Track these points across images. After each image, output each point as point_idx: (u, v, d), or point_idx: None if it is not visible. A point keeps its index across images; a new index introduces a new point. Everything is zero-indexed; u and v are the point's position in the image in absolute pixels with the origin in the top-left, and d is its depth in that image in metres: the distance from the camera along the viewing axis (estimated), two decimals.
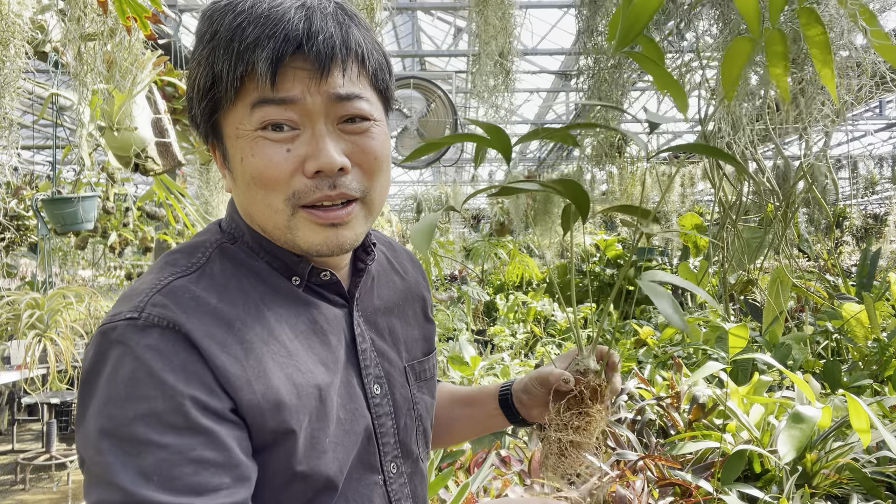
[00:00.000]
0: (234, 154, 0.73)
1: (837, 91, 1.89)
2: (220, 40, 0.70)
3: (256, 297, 0.75)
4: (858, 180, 8.89)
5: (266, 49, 0.68)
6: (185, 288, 0.71)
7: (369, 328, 0.86)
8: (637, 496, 1.30)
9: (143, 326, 0.66)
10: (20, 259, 7.99)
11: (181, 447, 0.63)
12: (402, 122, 4.24)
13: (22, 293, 4.14)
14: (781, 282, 3.16)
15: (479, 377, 2.97)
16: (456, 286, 6.63)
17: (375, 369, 0.84)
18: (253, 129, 0.71)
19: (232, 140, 0.73)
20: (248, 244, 0.79)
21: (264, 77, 0.69)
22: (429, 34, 8.74)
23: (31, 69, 3.28)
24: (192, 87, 0.75)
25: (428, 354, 0.96)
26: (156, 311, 0.67)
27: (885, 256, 8.14)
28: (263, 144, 0.71)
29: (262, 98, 0.70)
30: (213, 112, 0.73)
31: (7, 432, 5.81)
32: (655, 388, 2.20)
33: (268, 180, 0.71)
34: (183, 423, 0.64)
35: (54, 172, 4.23)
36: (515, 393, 1.00)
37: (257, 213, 0.75)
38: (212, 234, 0.80)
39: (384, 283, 0.93)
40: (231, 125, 0.72)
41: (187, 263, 0.75)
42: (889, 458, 1.51)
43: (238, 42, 0.69)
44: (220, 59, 0.70)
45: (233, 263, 0.77)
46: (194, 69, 0.74)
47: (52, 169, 4.24)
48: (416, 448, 0.89)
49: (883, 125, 8.60)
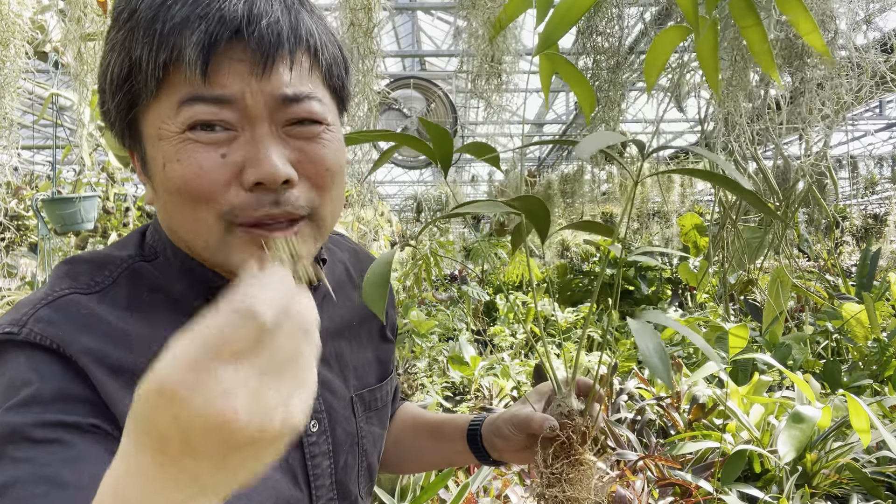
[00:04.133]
0: (155, 157, 0.61)
1: (837, 91, 1.89)
2: (139, 20, 0.58)
3: (169, 322, 0.63)
4: (858, 180, 8.88)
5: (196, 31, 0.56)
6: (80, 303, 0.62)
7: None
8: (637, 496, 1.30)
9: (21, 343, 0.58)
10: (20, 259, 7.99)
11: (41, 461, 0.54)
12: (402, 122, 4.24)
13: (22, 293, 4.14)
14: (781, 282, 3.16)
15: (479, 377, 2.97)
16: (456, 286, 6.63)
17: (315, 403, 0.73)
18: (179, 130, 0.58)
19: (153, 141, 0.60)
20: (170, 262, 0.68)
21: (193, 67, 0.57)
22: (429, 34, 8.74)
23: (31, 69, 3.28)
24: (104, 76, 0.62)
25: (382, 380, 0.86)
26: (38, 328, 0.59)
27: (885, 256, 8.14)
28: (192, 148, 0.58)
29: (191, 95, 0.58)
30: (131, 107, 0.61)
31: None
32: (655, 388, 2.20)
33: (197, 191, 0.59)
34: (43, 437, 0.55)
35: (54, 172, 4.23)
36: (486, 435, 0.88)
37: (182, 228, 0.62)
38: (127, 248, 0.70)
39: (339, 302, 0.81)
40: (152, 123, 0.60)
41: (90, 281, 0.65)
42: (889, 458, 1.51)
43: (161, 22, 0.57)
44: (138, 43, 0.58)
45: (145, 288, 0.66)
46: (107, 55, 0.62)
47: (52, 169, 4.24)
48: (356, 487, 0.79)
49: (883, 125, 8.60)
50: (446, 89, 4.25)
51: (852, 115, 7.22)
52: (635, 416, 1.84)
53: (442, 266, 6.39)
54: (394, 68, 7.98)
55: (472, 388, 3.08)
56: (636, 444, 1.65)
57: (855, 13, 1.83)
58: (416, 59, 8.12)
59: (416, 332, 3.78)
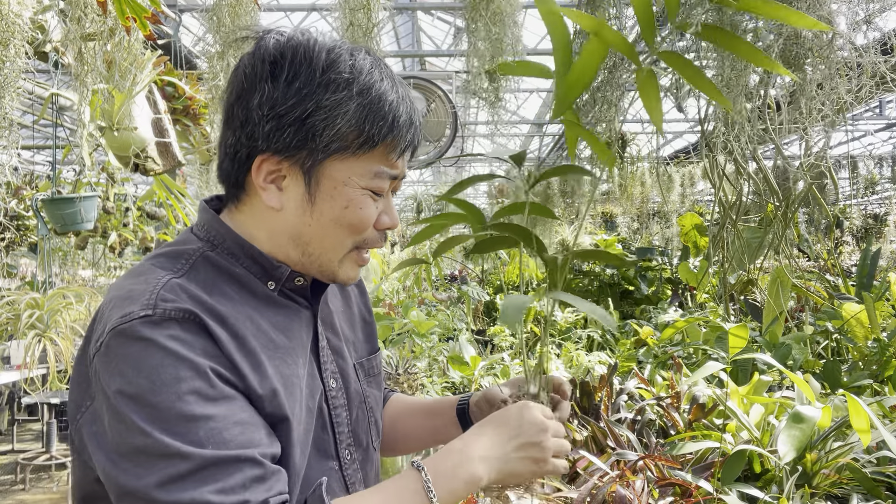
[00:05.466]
0: (334, 196, 0.83)
1: (837, 91, 1.89)
2: (373, 100, 0.82)
3: (239, 299, 0.82)
4: (858, 180, 8.88)
5: (409, 134, 0.85)
6: (182, 286, 0.77)
7: (326, 328, 0.95)
8: (637, 496, 1.30)
9: (159, 321, 0.72)
10: (20, 259, 7.99)
11: (225, 413, 0.72)
12: None
13: (22, 293, 4.14)
14: (781, 282, 3.16)
15: (479, 377, 2.96)
16: (456, 286, 6.63)
17: (332, 365, 0.94)
18: (362, 187, 0.84)
19: (336, 183, 0.83)
20: (229, 250, 0.86)
21: (397, 155, 0.85)
22: (429, 34, 8.74)
23: (31, 69, 3.28)
24: (314, 119, 0.80)
25: (372, 354, 1.07)
26: (168, 306, 0.74)
27: (885, 256, 8.14)
28: (369, 202, 0.85)
29: (385, 172, 0.85)
30: (333, 153, 0.82)
31: (7, 432, 5.81)
32: (655, 388, 2.20)
33: (360, 228, 0.85)
34: (218, 393, 0.72)
35: (54, 172, 4.23)
36: (471, 406, 1.09)
37: (322, 243, 0.86)
38: (191, 242, 0.86)
39: (330, 290, 1.02)
40: (343, 172, 0.83)
41: (174, 267, 0.81)
42: (889, 458, 1.51)
43: (392, 115, 0.83)
44: (369, 120, 0.81)
45: (214, 269, 0.83)
46: (327, 108, 0.80)
47: (52, 169, 4.23)
48: (367, 437, 0.98)
49: (883, 125, 8.61)
50: (446, 89, 4.25)
51: (852, 115, 7.21)
52: (635, 416, 1.84)
53: (442, 266, 6.39)
54: (394, 68, 7.95)
55: (473, 388, 3.08)
56: (636, 444, 1.64)
57: (855, 13, 1.83)
58: (416, 59, 8.12)
59: (416, 332, 3.78)
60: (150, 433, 0.68)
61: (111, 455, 0.70)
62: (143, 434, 0.68)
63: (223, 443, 0.70)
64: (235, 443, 0.71)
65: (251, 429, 0.73)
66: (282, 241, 0.86)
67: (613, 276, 5.75)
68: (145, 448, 0.68)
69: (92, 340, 0.76)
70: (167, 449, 0.67)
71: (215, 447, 0.69)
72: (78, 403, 0.77)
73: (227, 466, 0.69)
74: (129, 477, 0.68)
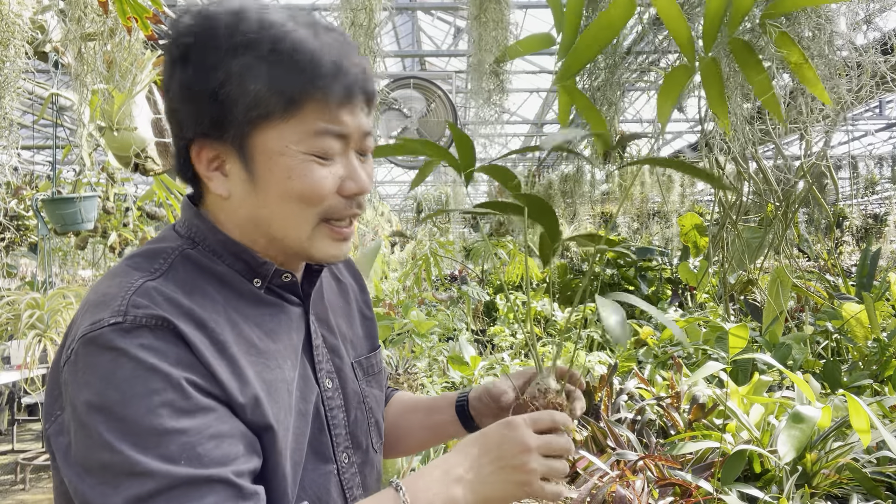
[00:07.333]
0: (272, 169, 0.75)
1: (838, 91, 1.89)
2: (285, 55, 0.73)
3: (221, 300, 0.77)
4: (858, 180, 8.88)
5: (342, 82, 0.75)
6: (157, 289, 0.72)
7: (321, 326, 0.91)
8: (637, 496, 1.30)
9: (129, 328, 0.68)
10: (20, 259, 8.00)
11: (199, 426, 0.67)
12: (402, 123, 4.23)
13: (22, 293, 4.14)
14: (781, 282, 3.16)
15: (479, 377, 2.96)
16: (456, 286, 6.63)
17: (327, 364, 0.89)
18: (303, 152, 0.75)
19: (273, 155, 0.75)
20: (211, 248, 0.81)
21: (333, 109, 0.75)
22: (429, 34, 8.74)
23: (31, 69, 3.28)
24: (226, 89, 0.73)
25: (372, 351, 1.02)
26: (140, 312, 0.69)
27: (885, 256, 8.14)
28: (315, 167, 0.76)
29: (326, 129, 0.75)
30: (254, 122, 0.74)
31: (7, 432, 5.81)
32: (655, 388, 2.20)
33: (313, 198, 0.77)
34: (193, 405, 0.67)
35: (54, 172, 4.23)
36: (471, 401, 1.05)
37: (281, 223, 0.78)
38: (171, 240, 0.81)
39: (326, 286, 0.98)
40: (275, 140, 0.75)
41: (150, 268, 0.76)
42: (889, 458, 1.51)
43: (312, 65, 0.73)
44: (284, 77, 0.73)
45: (195, 268, 0.78)
46: (237, 75, 0.73)
47: (52, 169, 4.24)
48: (367, 439, 0.94)
49: (883, 125, 8.60)
50: (446, 89, 4.24)
51: (852, 115, 7.21)
52: (635, 416, 1.84)
53: (442, 266, 6.40)
54: (394, 68, 7.98)
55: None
56: (636, 444, 1.64)
57: (855, 13, 1.83)
58: (416, 59, 8.12)
59: (416, 332, 3.78)
60: (119, 448, 0.64)
61: (77, 469, 0.67)
62: (110, 449, 0.64)
63: (196, 458, 0.65)
64: (209, 458, 0.66)
65: (228, 442, 0.69)
66: (248, 229, 0.80)
67: (613, 277, 5.74)
68: (112, 464, 0.64)
69: (64, 347, 0.72)
70: (135, 466, 0.64)
71: (188, 463, 0.65)
72: (48, 413, 0.73)
73: (198, 487, 0.65)
74: (94, 494, 0.65)
